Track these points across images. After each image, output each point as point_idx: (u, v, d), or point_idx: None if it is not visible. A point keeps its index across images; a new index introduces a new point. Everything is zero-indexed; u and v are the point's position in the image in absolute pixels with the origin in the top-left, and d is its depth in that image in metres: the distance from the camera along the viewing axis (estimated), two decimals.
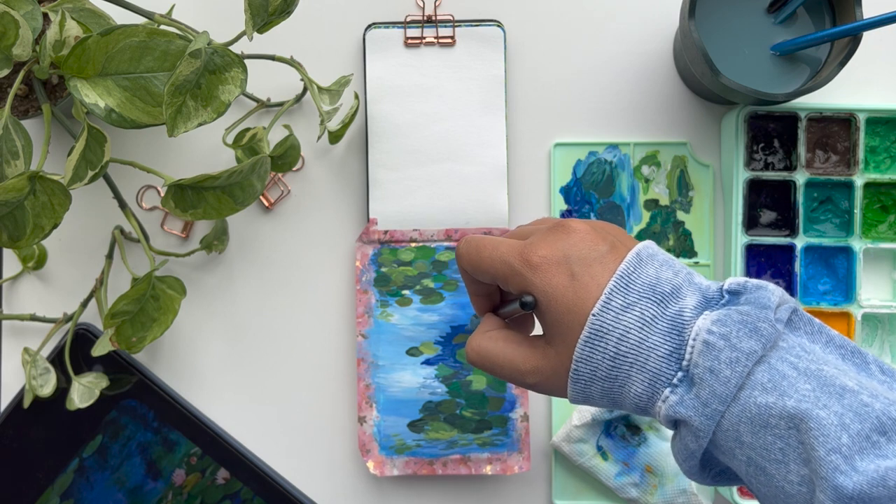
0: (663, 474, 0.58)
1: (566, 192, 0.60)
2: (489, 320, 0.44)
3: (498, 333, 0.42)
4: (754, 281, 0.37)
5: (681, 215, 0.60)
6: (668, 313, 0.36)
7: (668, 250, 0.60)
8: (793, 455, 0.34)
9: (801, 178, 0.58)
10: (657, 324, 0.36)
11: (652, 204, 0.60)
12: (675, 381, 0.36)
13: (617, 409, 0.40)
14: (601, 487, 0.60)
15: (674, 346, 0.36)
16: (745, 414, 0.35)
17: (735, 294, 0.37)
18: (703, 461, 0.38)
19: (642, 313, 0.36)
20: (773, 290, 0.37)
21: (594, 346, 0.37)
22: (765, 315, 0.35)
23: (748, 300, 0.36)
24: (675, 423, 0.37)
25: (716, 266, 0.60)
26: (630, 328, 0.36)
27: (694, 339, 0.36)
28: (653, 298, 0.37)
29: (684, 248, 0.60)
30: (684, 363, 0.36)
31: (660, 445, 0.59)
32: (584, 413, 0.58)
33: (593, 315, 0.37)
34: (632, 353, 0.36)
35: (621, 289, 0.37)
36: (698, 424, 0.35)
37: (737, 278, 0.37)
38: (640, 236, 0.60)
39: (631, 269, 0.37)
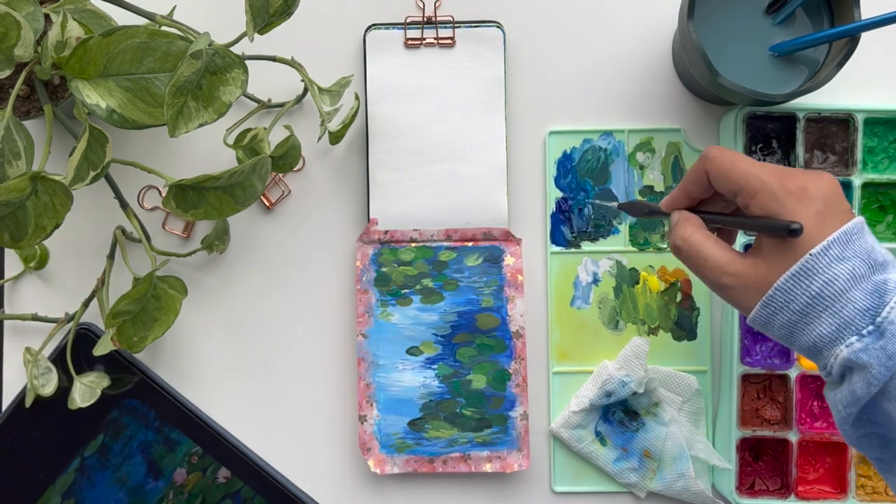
0: (662, 459, 0.59)
1: (561, 175, 0.61)
2: (693, 216, 0.46)
3: (706, 231, 0.45)
4: None
5: None
6: (875, 278, 0.40)
7: (663, 237, 0.60)
8: None
9: None
10: (863, 283, 0.40)
11: (647, 190, 0.60)
12: (864, 332, 0.40)
13: (783, 343, 0.44)
14: (600, 473, 0.60)
15: (872, 304, 0.40)
16: None
17: None
18: (858, 418, 0.41)
19: (854, 269, 0.40)
20: None
21: (798, 281, 0.41)
22: None
23: None
24: (844, 371, 0.41)
25: None
26: (838, 277, 0.40)
27: None
28: (866, 261, 0.41)
29: None
30: (878, 319, 0.39)
31: (658, 430, 0.59)
32: (581, 399, 0.59)
33: (810, 255, 0.40)
34: (830, 299, 0.40)
35: (842, 242, 0.41)
36: (876, 372, 0.39)
37: None
38: (636, 224, 0.61)
39: (856, 230, 0.41)
